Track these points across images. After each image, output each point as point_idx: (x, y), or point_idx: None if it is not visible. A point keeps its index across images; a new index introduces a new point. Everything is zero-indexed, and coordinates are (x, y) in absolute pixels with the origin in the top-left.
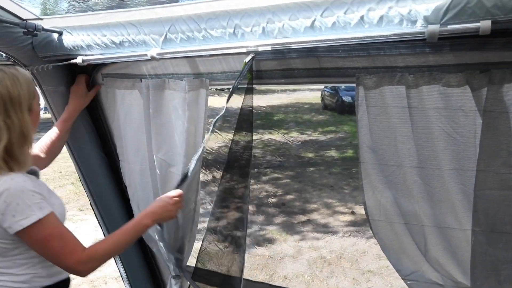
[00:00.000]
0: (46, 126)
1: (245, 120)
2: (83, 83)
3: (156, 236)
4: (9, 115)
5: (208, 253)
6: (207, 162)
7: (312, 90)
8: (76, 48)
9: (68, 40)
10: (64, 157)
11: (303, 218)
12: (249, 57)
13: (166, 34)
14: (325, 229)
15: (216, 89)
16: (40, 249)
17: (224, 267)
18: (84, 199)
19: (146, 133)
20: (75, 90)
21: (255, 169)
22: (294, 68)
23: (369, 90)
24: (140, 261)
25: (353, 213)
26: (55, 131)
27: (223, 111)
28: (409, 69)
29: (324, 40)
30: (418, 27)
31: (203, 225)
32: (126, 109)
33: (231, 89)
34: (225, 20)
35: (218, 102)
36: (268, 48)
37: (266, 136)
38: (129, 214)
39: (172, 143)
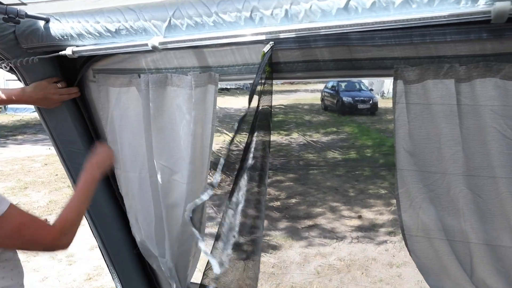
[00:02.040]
0: (42, 127)
1: (264, 121)
2: (55, 88)
3: (158, 251)
4: None
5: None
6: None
7: (312, 91)
8: (65, 37)
9: (56, 29)
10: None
11: (309, 222)
12: (268, 46)
13: (170, 20)
14: (332, 234)
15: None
16: (14, 240)
17: (235, 283)
18: None
19: (146, 136)
20: (43, 85)
21: (256, 172)
22: (320, 59)
23: (410, 85)
24: (139, 278)
25: (360, 217)
26: None
27: (247, 112)
28: (459, 59)
29: (361, 25)
30: (481, 6)
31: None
32: (121, 110)
33: (252, 86)
34: (241, 2)
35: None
36: (292, 34)
37: (266, 137)
38: (126, 226)
39: (176, 147)
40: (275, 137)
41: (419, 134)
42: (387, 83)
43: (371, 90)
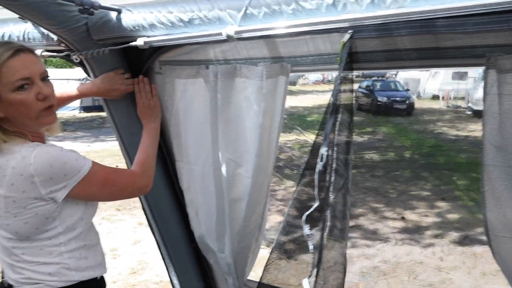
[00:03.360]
0: (81, 125)
1: (348, 116)
2: (122, 78)
3: (217, 246)
4: None
5: (278, 267)
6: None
7: (344, 91)
8: (136, 28)
9: (128, 19)
10: (100, 156)
11: (350, 223)
12: (347, 36)
13: (246, 9)
14: (375, 236)
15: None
16: (104, 192)
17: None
18: None
19: (212, 128)
20: (110, 77)
21: (295, 171)
22: (402, 49)
23: (504, 74)
24: (196, 272)
25: (403, 219)
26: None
27: (332, 109)
28: None
29: (457, 9)
30: None
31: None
32: (187, 102)
33: (336, 79)
34: None
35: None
36: (378, 21)
37: (302, 137)
38: (185, 221)
39: (242, 139)
40: (311, 137)
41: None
42: (423, 83)
43: (407, 90)
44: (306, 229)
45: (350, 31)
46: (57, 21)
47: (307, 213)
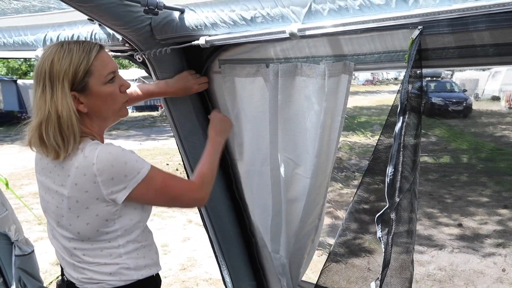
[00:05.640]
0: (133, 124)
1: (415, 117)
2: (195, 77)
3: (271, 247)
4: (45, 92)
5: (336, 271)
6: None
7: (394, 92)
8: (198, 27)
9: (191, 19)
10: (151, 154)
11: (402, 227)
12: (416, 32)
13: (310, 5)
14: (429, 242)
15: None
16: (161, 198)
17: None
18: None
19: (271, 127)
20: (184, 75)
21: (343, 173)
22: (478, 45)
23: None
24: (249, 271)
25: (460, 225)
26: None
27: (400, 110)
28: None
29: None
30: None
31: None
32: (246, 100)
33: (404, 78)
34: None
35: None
36: (454, 15)
37: (351, 139)
38: (240, 219)
39: (302, 139)
40: (360, 139)
41: None
42: (482, 84)
43: (465, 91)
44: (379, 231)
45: (420, 27)
46: (123, 22)
47: (379, 214)
